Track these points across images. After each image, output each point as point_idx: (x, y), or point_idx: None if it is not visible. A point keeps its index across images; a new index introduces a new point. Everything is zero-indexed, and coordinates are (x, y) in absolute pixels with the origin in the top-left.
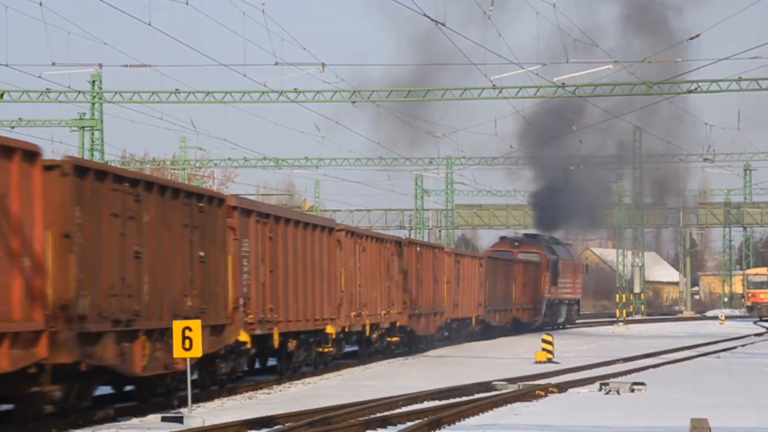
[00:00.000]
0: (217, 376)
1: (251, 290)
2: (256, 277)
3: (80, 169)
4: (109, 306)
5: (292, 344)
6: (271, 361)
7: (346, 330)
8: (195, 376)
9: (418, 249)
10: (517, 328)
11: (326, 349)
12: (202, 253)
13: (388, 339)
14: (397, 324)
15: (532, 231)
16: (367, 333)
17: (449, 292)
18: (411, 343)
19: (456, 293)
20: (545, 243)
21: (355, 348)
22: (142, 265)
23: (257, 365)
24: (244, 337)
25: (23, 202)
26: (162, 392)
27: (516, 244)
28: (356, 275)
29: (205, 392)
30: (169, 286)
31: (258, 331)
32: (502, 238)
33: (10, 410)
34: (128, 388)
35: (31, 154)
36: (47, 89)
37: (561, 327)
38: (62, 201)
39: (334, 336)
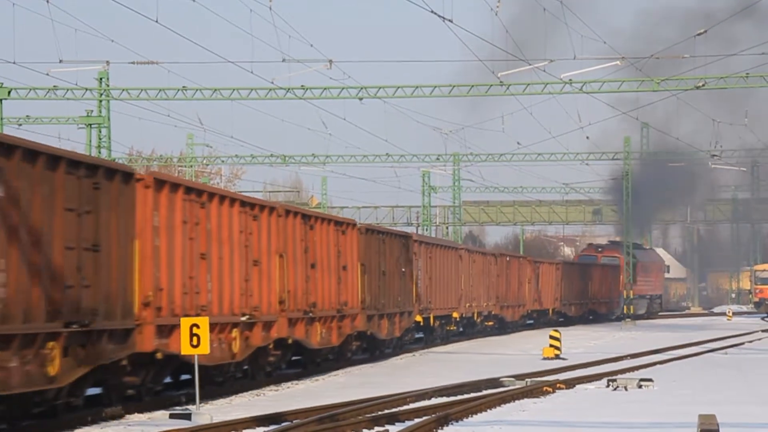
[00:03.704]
0: (402, 342)
1: (421, 290)
2: (423, 281)
3: (367, 229)
4: (375, 302)
5: (436, 324)
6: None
7: (464, 315)
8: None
9: (507, 259)
10: (595, 318)
11: (451, 328)
12: (403, 269)
13: (486, 323)
14: (492, 312)
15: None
16: (475, 318)
17: (530, 290)
18: (501, 327)
19: (536, 290)
20: (625, 248)
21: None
22: (385, 279)
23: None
24: (418, 318)
25: (350, 249)
26: (389, 346)
27: (599, 249)
28: (470, 278)
29: (213, 389)
30: (392, 289)
31: (424, 315)
32: (589, 245)
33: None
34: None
35: (353, 224)
36: (54, 86)
37: (643, 318)
38: (359, 246)
39: (458, 319)
